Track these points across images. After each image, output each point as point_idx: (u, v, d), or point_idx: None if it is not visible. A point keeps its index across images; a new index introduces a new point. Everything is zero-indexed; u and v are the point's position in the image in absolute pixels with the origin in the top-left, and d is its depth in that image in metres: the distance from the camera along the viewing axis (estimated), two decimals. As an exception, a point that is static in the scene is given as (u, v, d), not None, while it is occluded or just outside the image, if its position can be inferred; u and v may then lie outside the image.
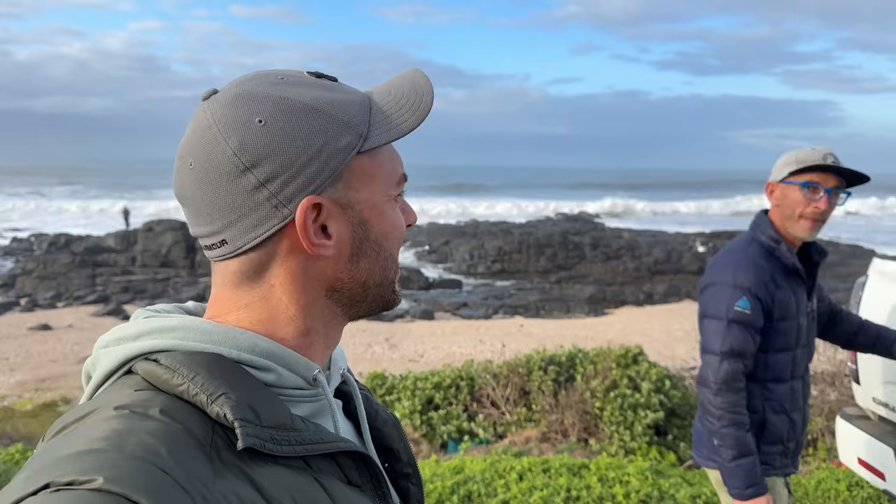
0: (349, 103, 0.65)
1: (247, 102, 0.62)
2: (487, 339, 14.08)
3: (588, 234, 26.80)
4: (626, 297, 20.09)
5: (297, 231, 0.62)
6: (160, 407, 0.56)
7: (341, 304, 0.68)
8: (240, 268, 0.65)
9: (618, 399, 4.29)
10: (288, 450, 0.59)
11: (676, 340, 12.79)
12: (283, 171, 0.61)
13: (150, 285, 20.15)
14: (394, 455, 0.80)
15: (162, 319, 0.63)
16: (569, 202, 49.64)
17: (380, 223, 0.67)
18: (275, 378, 0.63)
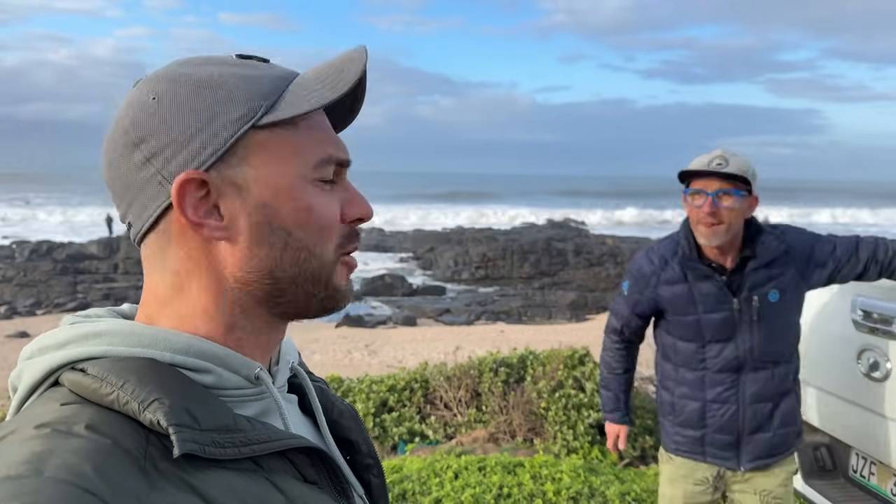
0: (257, 77, 0.61)
1: (149, 82, 0.61)
2: (467, 344, 14.13)
3: (572, 241, 27.00)
4: (607, 302, 20.21)
5: (176, 209, 0.59)
6: (86, 422, 0.52)
7: (255, 298, 0.63)
8: (148, 252, 0.63)
9: (562, 399, 4.39)
10: (233, 452, 0.56)
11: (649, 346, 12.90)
12: (167, 146, 0.59)
13: (131, 292, 20.13)
14: (354, 447, 0.77)
15: (89, 325, 0.60)
16: (557, 210, 49.83)
17: (287, 207, 0.61)
18: (214, 379, 0.60)
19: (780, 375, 2.17)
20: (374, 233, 32.26)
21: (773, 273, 2.13)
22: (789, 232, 2.19)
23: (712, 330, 2.17)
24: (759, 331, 2.14)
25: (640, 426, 4.55)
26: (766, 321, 2.14)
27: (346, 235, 0.66)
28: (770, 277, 2.13)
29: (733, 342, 2.16)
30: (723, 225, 2.05)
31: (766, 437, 2.17)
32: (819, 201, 70.02)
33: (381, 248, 28.59)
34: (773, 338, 2.16)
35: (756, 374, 2.15)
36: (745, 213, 2.10)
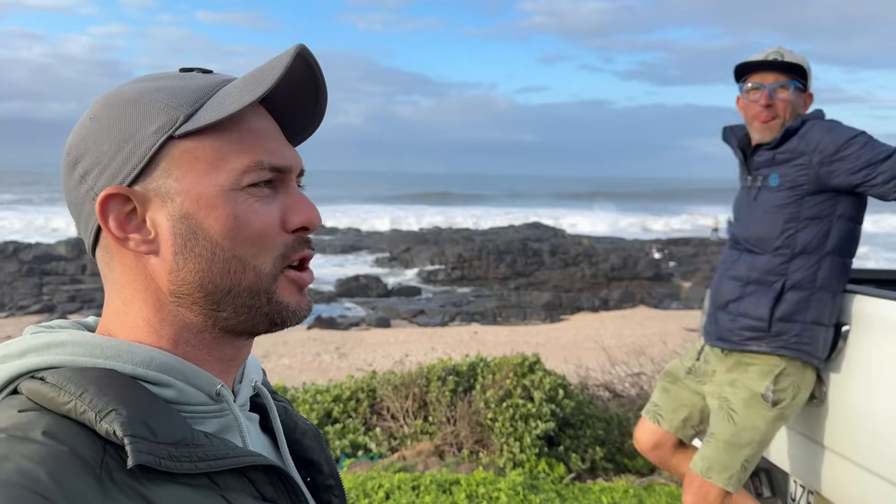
0: (181, 88, 0.61)
1: (93, 103, 0.63)
2: (440, 346, 14.02)
3: (548, 241, 26.94)
4: (581, 303, 20.17)
5: (101, 225, 0.60)
6: (43, 428, 0.52)
7: (194, 311, 0.62)
8: (100, 267, 0.64)
9: (510, 409, 4.21)
10: (188, 466, 0.55)
11: (625, 346, 12.86)
12: (97, 164, 0.60)
13: (99, 294, 19.69)
14: (315, 467, 0.76)
15: (50, 335, 0.60)
16: (534, 210, 49.85)
17: (212, 217, 0.60)
18: (175, 394, 0.59)
19: (761, 264, 2.12)
20: (350, 233, 32.02)
21: (779, 157, 2.13)
22: (817, 127, 2.08)
23: (736, 205, 2.32)
24: (754, 210, 2.18)
25: (591, 437, 4.38)
26: (761, 202, 2.16)
27: (290, 245, 0.64)
28: (773, 161, 2.14)
29: (740, 222, 2.26)
30: (778, 119, 2.09)
31: (726, 319, 2.18)
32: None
33: (357, 248, 28.32)
34: (763, 220, 2.15)
35: (746, 254, 2.18)
36: (800, 108, 2.12)
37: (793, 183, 2.08)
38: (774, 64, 2.07)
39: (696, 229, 40.79)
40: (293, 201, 0.64)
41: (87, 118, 0.62)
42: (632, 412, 4.80)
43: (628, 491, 3.62)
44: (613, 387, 5.41)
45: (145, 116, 0.60)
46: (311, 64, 0.63)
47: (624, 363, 5.92)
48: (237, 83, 0.62)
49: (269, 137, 0.63)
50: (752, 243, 2.16)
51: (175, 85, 0.61)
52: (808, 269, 2.07)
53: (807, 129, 2.08)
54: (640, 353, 5.92)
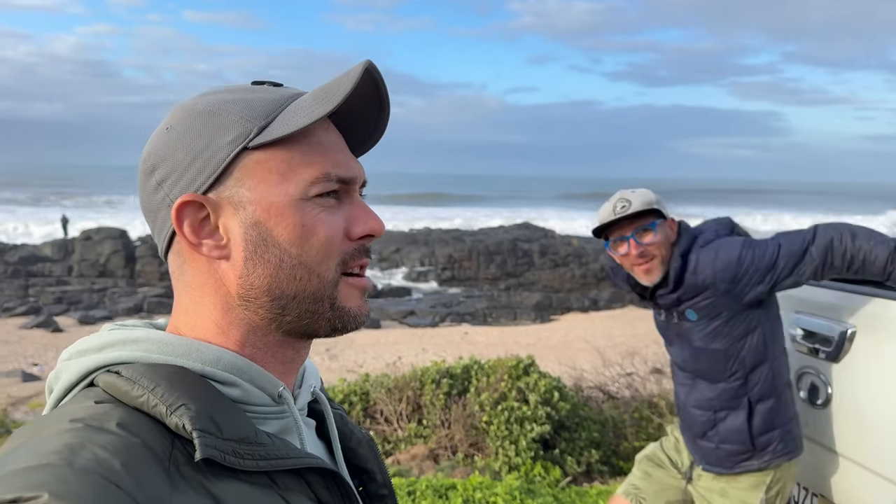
0: (254, 101, 0.64)
1: (170, 113, 0.66)
2: (431, 347, 13.98)
3: (537, 242, 26.93)
4: (571, 303, 20.19)
5: (176, 230, 0.62)
6: (117, 420, 0.54)
7: (260, 315, 0.64)
8: (172, 270, 0.67)
9: (505, 412, 4.17)
10: (251, 464, 0.57)
11: (615, 346, 12.88)
12: (173, 172, 0.63)
13: (85, 296, 19.50)
14: (368, 476, 0.78)
15: (127, 332, 0.63)
16: (524, 210, 49.91)
17: (282, 225, 0.63)
18: (240, 394, 0.62)
19: (721, 391, 2.11)
20: (340, 233, 31.84)
21: (683, 296, 2.10)
22: (702, 256, 2.05)
23: (662, 332, 2.29)
24: (686, 346, 2.16)
25: (587, 439, 4.36)
26: (689, 337, 2.14)
27: (351, 253, 0.66)
28: (680, 300, 2.11)
29: (675, 348, 2.23)
30: (655, 259, 2.07)
31: (709, 447, 2.16)
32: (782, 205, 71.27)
33: (347, 249, 28.19)
34: (702, 358, 2.11)
35: (700, 381, 2.16)
36: (668, 238, 2.09)
37: (711, 314, 2.07)
38: (624, 219, 2.05)
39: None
40: (357, 211, 0.67)
41: (164, 128, 0.65)
42: (626, 414, 4.78)
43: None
44: (607, 388, 5.39)
45: (220, 127, 0.62)
46: (376, 80, 0.65)
47: (618, 364, 5.90)
48: (308, 97, 0.64)
49: (335, 150, 0.66)
50: (701, 375, 2.15)
51: (248, 98, 0.64)
52: (765, 379, 2.09)
53: (693, 263, 2.06)
54: (633, 354, 5.90)
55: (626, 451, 4.49)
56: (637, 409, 4.78)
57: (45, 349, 13.36)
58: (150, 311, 18.38)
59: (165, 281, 21.56)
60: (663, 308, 2.17)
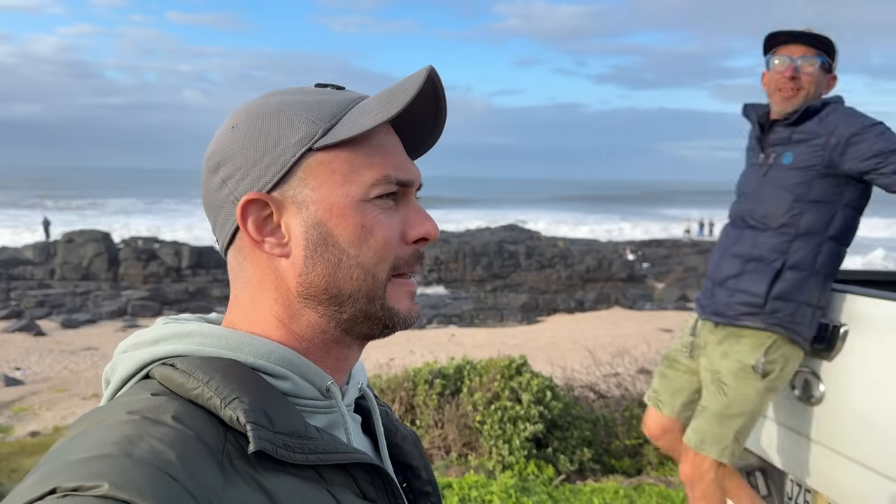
0: (320, 103, 0.65)
1: (233, 113, 0.67)
2: (418, 349, 13.98)
3: (523, 244, 27.02)
4: (557, 304, 20.29)
5: (240, 227, 0.64)
6: (173, 413, 0.55)
7: (319, 312, 0.66)
8: (231, 266, 0.68)
9: (498, 412, 4.20)
10: (301, 458, 0.58)
11: (601, 346, 12.96)
12: (239, 170, 0.64)
13: (68, 299, 19.30)
14: (413, 472, 0.78)
15: (180, 325, 0.64)
16: (510, 212, 50.02)
17: (342, 226, 0.64)
18: (290, 387, 0.63)
19: (763, 241, 2.15)
20: (326, 236, 31.75)
21: (795, 137, 2.14)
22: (836, 111, 2.11)
23: (742, 182, 2.30)
24: (763, 187, 2.19)
25: (579, 438, 4.39)
26: (771, 179, 2.16)
27: (406, 256, 0.67)
28: (790, 139, 2.15)
29: (743, 199, 2.25)
30: (802, 91, 2.11)
31: (724, 295, 2.20)
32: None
33: (333, 251, 28.14)
34: (771, 197, 2.16)
35: (749, 231, 2.19)
36: (822, 86, 2.14)
37: (806, 163, 2.10)
38: (804, 36, 2.09)
39: (669, 231, 41.33)
40: (413, 214, 0.68)
41: (229, 127, 0.66)
42: (617, 413, 4.82)
43: (618, 492, 3.63)
44: (598, 387, 5.43)
45: (287, 127, 0.63)
46: (436, 85, 0.66)
47: (608, 364, 5.95)
48: (371, 101, 0.65)
49: (395, 153, 0.67)
50: (757, 219, 2.18)
51: (314, 99, 0.65)
52: (808, 252, 2.10)
53: (827, 112, 2.09)
54: (622, 354, 5.95)
55: (618, 449, 4.54)
56: (627, 407, 4.83)
57: (28, 353, 13.21)
58: (133, 314, 18.22)
59: (149, 284, 21.39)
60: (766, 147, 2.20)
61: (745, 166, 2.33)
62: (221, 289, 21.27)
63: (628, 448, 4.57)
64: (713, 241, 34.99)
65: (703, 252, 28.06)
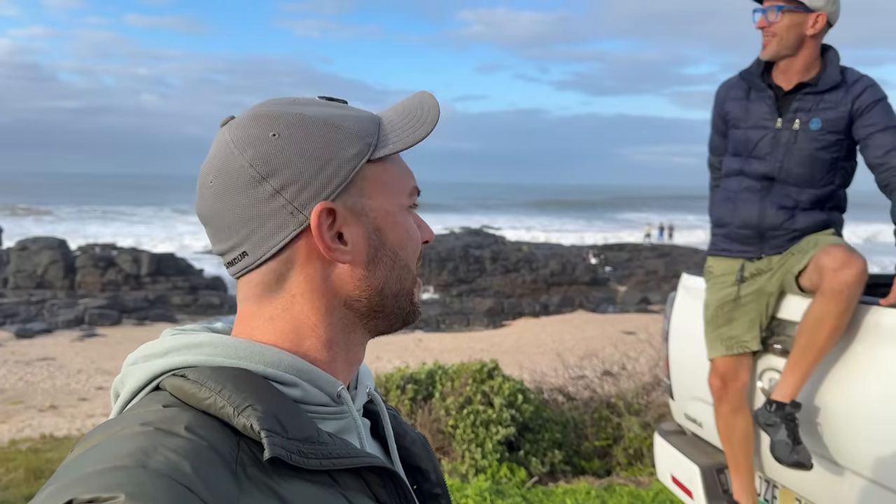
0: (358, 118, 0.68)
1: (261, 120, 0.65)
2: (385, 354, 13.92)
3: (489, 248, 27.14)
4: (523, 308, 20.43)
5: (314, 236, 0.64)
6: (185, 423, 0.55)
7: (360, 314, 0.69)
8: (262, 279, 0.66)
9: (470, 416, 4.23)
10: (314, 463, 0.58)
11: (567, 349, 13.10)
12: (297, 179, 0.64)
13: (22, 308, 18.71)
14: (423, 475, 0.79)
15: (189, 336, 0.65)
16: (475, 217, 50.20)
17: (394, 231, 0.69)
18: (301, 394, 0.63)
19: (806, 195, 2.30)
20: (289, 241, 31.41)
21: (823, 104, 2.26)
22: (861, 81, 2.25)
23: (751, 145, 2.38)
24: (793, 153, 2.29)
25: (550, 440, 4.45)
26: (800, 146, 2.28)
27: (420, 256, 0.73)
28: (818, 106, 2.26)
29: (767, 160, 2.34)
30: (774, 38, 2.24)
31: (782, 234, 2.34)
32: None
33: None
34: (806, 162, 2.28)
35: (784, 186, 2.32)
36: (801, 28, 2.24)
37: (833, 128, 2.26)
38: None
39: (631, 235, 41.99)
40: (420, 220, 0.74)
41: (268, 135, 0.65)
42: (586, 414, 4.89)
43: (590, 492, 3.69)
44: (567, 390, 5.50)
45: (344, 140, 0.66)
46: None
47: (576, 366, 6.03)
48: (395, 120, 0.71)
49: (407, 166, 0.74)
50: (793, 181, 2.32)
51: (350, 114, 0.69)
52: (841, 199, 2.38)
53: (854, 82, 2.25)
54: (591, 356, 6.04)
55: (588, 450, 4.61)
56: (596, 409, 4.91)
57: (-19, 364, 12.78)
58: (91, 322, 17.77)
59: (108, 291, 20.88)
60: (789, 112, 2.30)
61: (746, 128, 2.40)
62: (181, 296, 20.89)
63: (598, 449, 4.64)
64: (673, 245, 35.23)
65: (663, 256, 28.57)
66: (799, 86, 2.30)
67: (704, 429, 2.68)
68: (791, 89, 2.31)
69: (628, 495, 3.66)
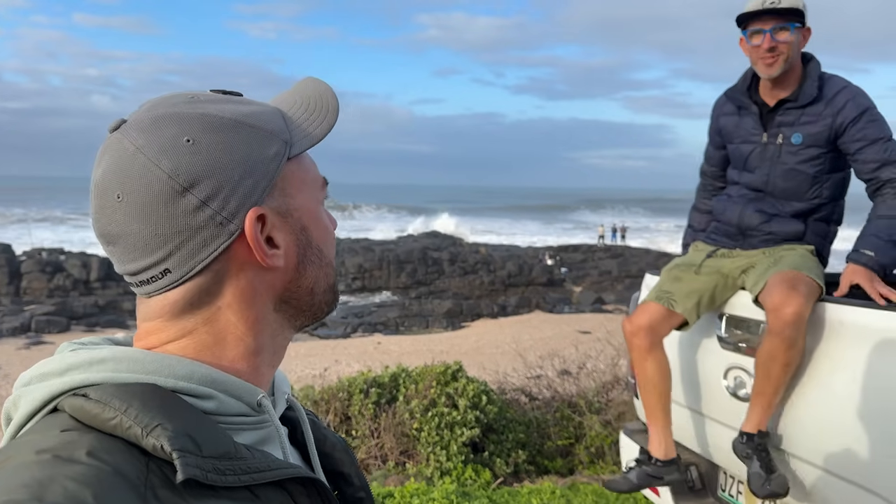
0: (266, 113, 0.65)
1: (169, 124, 0.60)
2: (344, 358, 13.82)
3: (447, 250, 27.19)
4: (481, 310, 20.50)
5: (250, 244, 0.61)
6: (87, 448, 0.51)
7: (289, 315, 0.67)
8: (183, 296, 0.62)
9: (435, 418, 4.22)
10: (233, 479, 0.55)
11: (525, 350, 13.22)
12: (223, 187, 0.60)
13: (-39, 317, 17.94)
14: (345, 480, 0.78)
15: (90, 351, 0.59)
16: (433, 220, 50.27)
17: (317, 228, 0.68)
18: (216, 406, 0.60)
19: (789, 207, 2.39)
20: (245, 245, 30.93)
21: (805, 117, 2.32)
22: (843, 94, 2.30)
23: (743, 159, 2.49)
24: (777, 167, 2.38)
25: (513, 441, 4.48)
26: (784, 160, 2.36)
27: None
28: (799, 120, 2.33)
29: (756, 173, 2.45)
30: (781, 56, 2.29)
31: (758, 235, 2.45)
32: (672, 212, 75.22)
33: (252, 260, 27.39)
34: (791, 177, 2.37)
35: (771, 198, 2.42)
36: (800, 44, 2.32)
37: (815, 142, 2.32)
38: (772, 11, 2.28)
39: (585, 236, 42.60)
40: (326, 211, 0.73)
41: (182, 141, 0.59)
42: (549, 414, 4.94)
43: (555, 492, 3.72)
44: (529, 390, 5.54)
45: (262, 140, 0.63)
46: None
47: (538, 366, 6.09)
48: (298, 111, 0.69)
49: None
50: (780, 194, 2.41)
51: (258, 110, 0.65)
52: (829, 210, 2.43)
53: (833, 92, 2.30)
54: (552, 356, 6.10)
55: (550, 449, 4.65)
56: (558, 408, 4.96)
57: (-80, 375, 12.21)
58: (38, 330, 17.16)
59: (55, 298, 20.19)
60: (773, 127, 2.37)
61: (737, 143, 2.52)
62: (133, 302, 20.29)
63: (560, 448, 4.69)
64: (626, 246, 35.76)
65: (616, 256, 29.05)
66: (781, 101, 2.37)
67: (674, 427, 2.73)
68: (774, 105, 2.38)
69: (593, 493, 3.71)
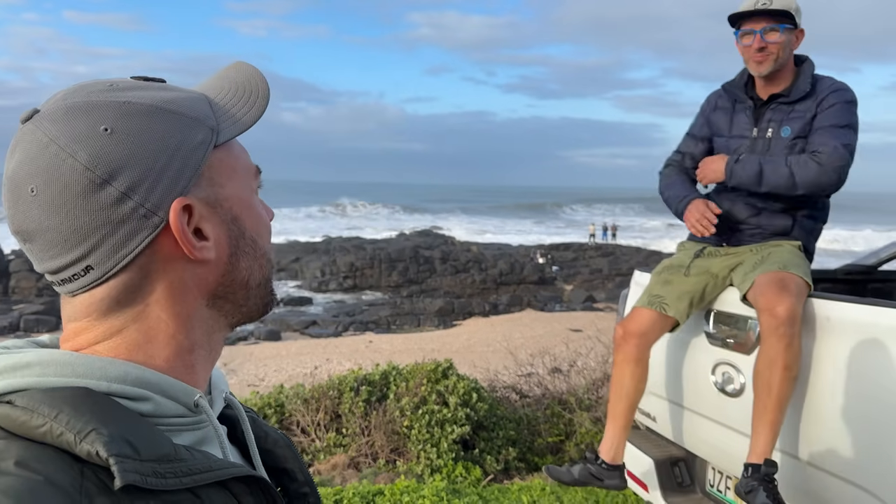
0: (191, 100, 0.62)
1: (84, 113, 0.56)
2: (335, 356, 13.78)
3: (438, 249, 27.19)
4: (473, 308, 20.52)
5: (176, 236, 0.58)
6: (15, 458, 0.49)
7: (224, 311, 0.65)
8: (109, 293, 0.59)
9: (425, 416, 4.22)
10: (174, 482, 0.53)
11: (517, 348, 13.24)
12: (145, 178, 0.57)
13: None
14: (289, 475, 0.76)
15: (14, 356, 0.56)
16: (425, 218, 50.26)
17: (250, 218, 0.65)
18: (152, 408, 0.58)
19: (779, 202, 2.41)
20: (235, 243, 30.84)
21: (794, 113, 2.38)
22: (833, 88, 2.35)
23: (733, 153, 2.47)
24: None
25: (504, 438, 4.48)
26: (773, 153, 2.38)
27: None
28: (788, 115, 2.39)
29: None
30: (771, 55, 2.34)
31: (745, 228, 2.48)
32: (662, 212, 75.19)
33: (243, 259, 27.30)
34: None
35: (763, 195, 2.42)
36: (791, 44, 2.37)
37: (802, 133, 2.38)
38: (764, 12, 2.32)
39: (577, 234, 42.72)
40: (261, 200, 0.70)
41: (99, 130, 0.56)
42: (539, 411, 4.94)
43: (545, 489, 3.72)
44: (519, 387, 5.55)
45: (186, 127, 0.60)
46: None
47: (529, 364, 6.09)
48: (225, 97, 0.65)
49: None
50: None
51: (181, 96, 0.62)
52: (817, 208, 2.46)
53: (825, 92, 2.35)
54: (543, 354, 6.11)
55: (541, 446, 4.66)
56: (549, 406, 4.96)
57: None
58: (27, 329, 17.06)
59: (44, 297, 20.06)
60: (763, 122, 2.42)
61: (728, 137, 2.55)
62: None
63: (550, 445, 4.69)
64: (616, 245, 35.92)
65: (607, 255, 29.14)
66: (772, 96, 2.42)
67: (658, 423, 2.74)
68: (766, 100, 2.43)
69: (583, 490, 3.71)
